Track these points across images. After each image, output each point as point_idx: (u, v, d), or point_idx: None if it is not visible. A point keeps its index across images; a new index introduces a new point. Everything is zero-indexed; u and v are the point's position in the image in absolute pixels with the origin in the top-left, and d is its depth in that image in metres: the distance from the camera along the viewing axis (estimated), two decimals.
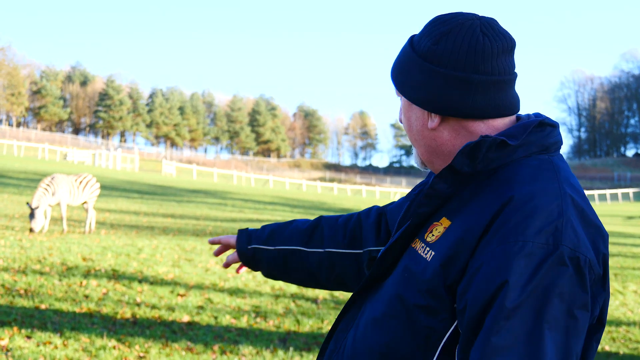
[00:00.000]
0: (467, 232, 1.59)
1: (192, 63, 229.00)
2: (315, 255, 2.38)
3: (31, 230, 14.69)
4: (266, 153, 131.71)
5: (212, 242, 2.53)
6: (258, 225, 21.44)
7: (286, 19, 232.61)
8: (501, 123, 1.73)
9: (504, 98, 1.72)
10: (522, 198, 1.56)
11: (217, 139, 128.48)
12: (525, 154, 1.68)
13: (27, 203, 14.83)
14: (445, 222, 1.67)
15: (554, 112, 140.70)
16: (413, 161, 1.92)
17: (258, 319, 8.36)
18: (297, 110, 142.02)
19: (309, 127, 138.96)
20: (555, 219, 1.53)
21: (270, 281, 10.87)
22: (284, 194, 49.12)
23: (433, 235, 1.68)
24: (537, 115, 1.80)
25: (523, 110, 1.83)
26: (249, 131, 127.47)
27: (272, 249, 2.43)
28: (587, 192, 73.91)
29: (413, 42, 1.78)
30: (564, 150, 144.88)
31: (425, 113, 1.75)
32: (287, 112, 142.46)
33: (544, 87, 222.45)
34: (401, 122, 1.88)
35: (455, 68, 1.69)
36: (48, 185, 15.27)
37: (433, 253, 1.64)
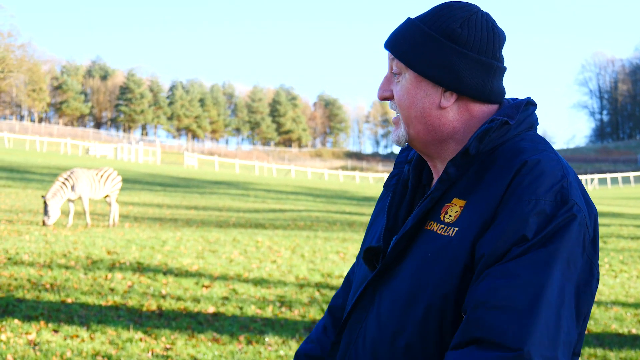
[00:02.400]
0: (489, 203, 1.69)
1: (211, 55, 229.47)
2: None
3: (44, 223, 14.78)
4: (287, 143, 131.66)
5: None
6: (280, 216, 21.45)
7: (305, 8, 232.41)
8: (494, 108, 1.85)
9: (502, 85, 1.87)
10: (532, 162, 1.69)
11: (238, 130, 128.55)
12: (516, 132, 1.81)
13: (42, 196, 14.92)
14: (459, 202, 1.75)
15: (576, 95, 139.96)
16: (391, 138, 1.94)
17: (283, 309, 8.36)
18: (318, 99, 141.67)
19: (330, 116, 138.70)
20: (560, 180, 1.67)
21: (295, 270, 10.88)
22: (306, 183, 49.17)
23: (450, 215, 1.75)
24: (514, 99, 1.90)
25: (547, 95, 1.85)
26: (269, 121, 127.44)
27: None
28: (610, 175, 73.36)
29: (425, 22, 1.82)
30: (587, 133, 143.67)
31: (439, 91, 1.80)
32: (308, 102, 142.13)
33: (565, 70, 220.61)
34: (383, 98, 1.91)
35: (479, 52, 1.79)
36: (66, 179, 15.34)
37: (457, 229, 1.71)
